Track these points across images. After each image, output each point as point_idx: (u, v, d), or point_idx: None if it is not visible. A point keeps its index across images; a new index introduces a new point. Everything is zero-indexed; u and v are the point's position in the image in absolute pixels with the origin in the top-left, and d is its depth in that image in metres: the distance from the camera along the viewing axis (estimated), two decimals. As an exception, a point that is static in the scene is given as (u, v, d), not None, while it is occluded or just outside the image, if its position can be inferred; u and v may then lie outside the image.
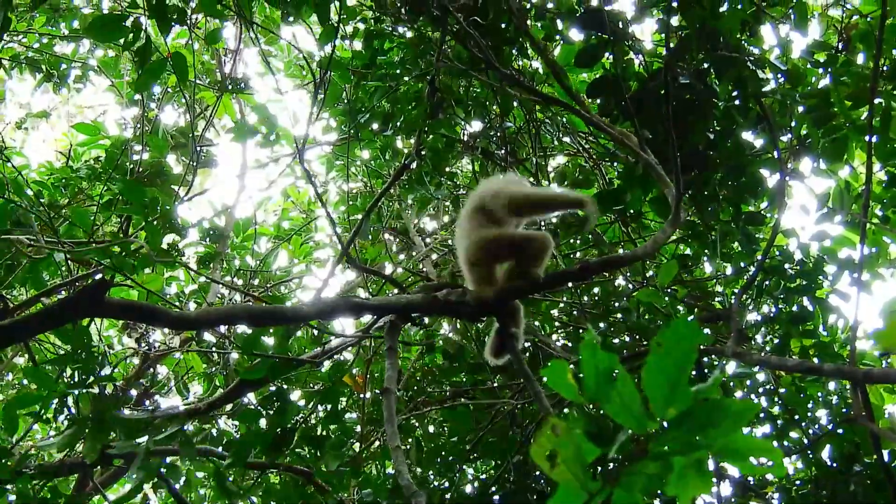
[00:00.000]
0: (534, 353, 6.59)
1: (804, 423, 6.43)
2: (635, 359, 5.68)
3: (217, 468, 4.63)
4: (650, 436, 1.96)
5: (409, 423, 6.83)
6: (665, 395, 1.93)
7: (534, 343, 6.57)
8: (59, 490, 5.55)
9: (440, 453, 6.88)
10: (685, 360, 1.92)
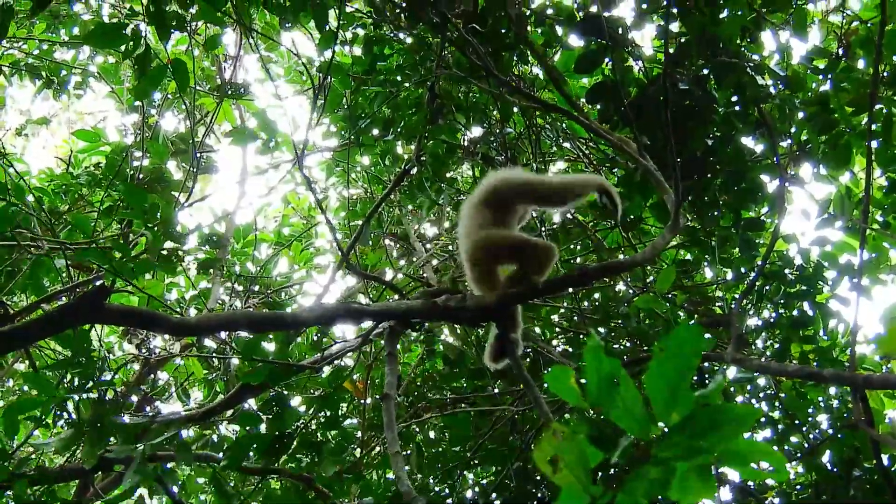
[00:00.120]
0: (534, 358, 6.59)
1: (805, 428, 6.44)
2: (635, 364, 5.68)
3: (214, 472, 4.64)
4: (653, 440, 1.96)
5: (409, 429, 6.83)
6: (668, 400, 1.94)
7: (534, 349, 6.57)
8: (58, 495, 5.56)
9: (440, 459, 6.88)
10: (687, 365, 1.92)
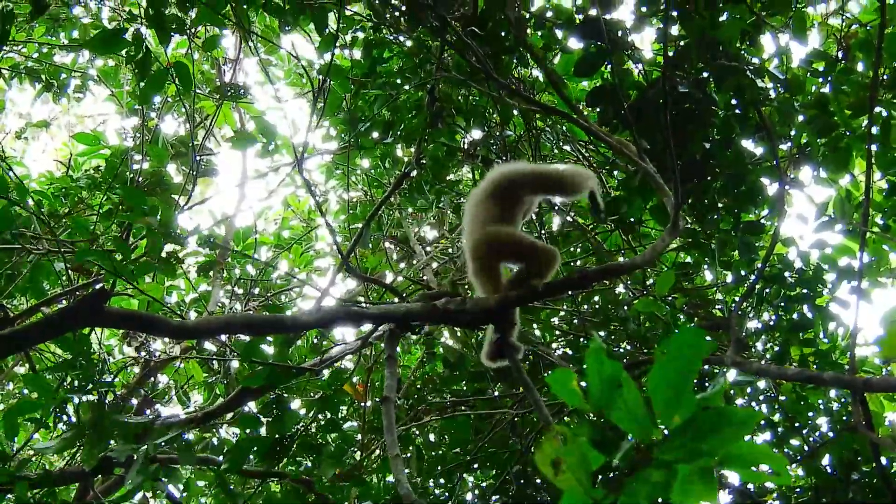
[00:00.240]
0: (534, 361, 6.59)
1: (805, 431, 6.44)
2: (635, 367, 5.68)
3: (219, 474, 4.63)
4: (655, 443, 1.96)
5: (409, 431, 6.82)
6: (670, 403, 1.93)
7: (533, 352, 6.57)
8: (59, 497, 5.55)
9: (440, 462, 6.87)
10: (690, 368, 1.92)
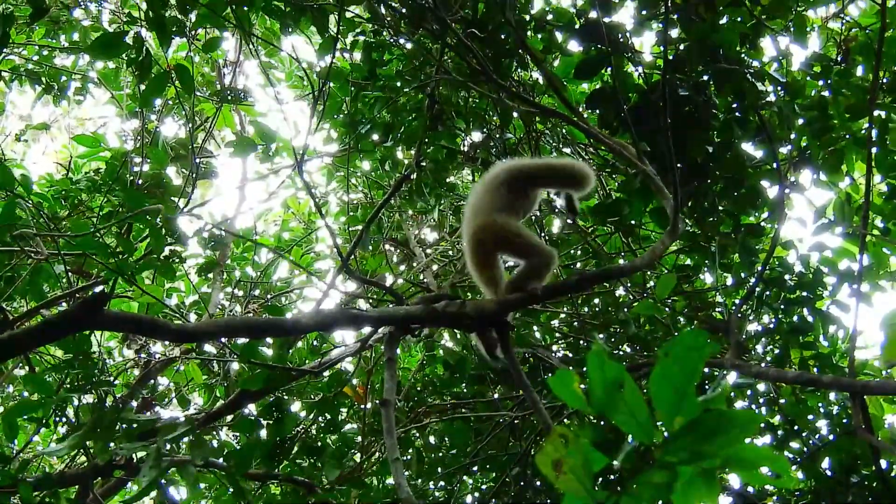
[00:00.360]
0: (533, 364, 6.59)
1: (804, 434, 6.43)
2: (635, 370, 5.67)
3: (230, 475, 4.61)
4: (657, 445, 1.96)
5: (409, 434, 6.82)
6: (673, 404, 1.94)
7: (533, 354, 6.56)
8: (61, 498, 5.54)
9: (440, 464, 6.87)
10: (693, 370, 1.92)
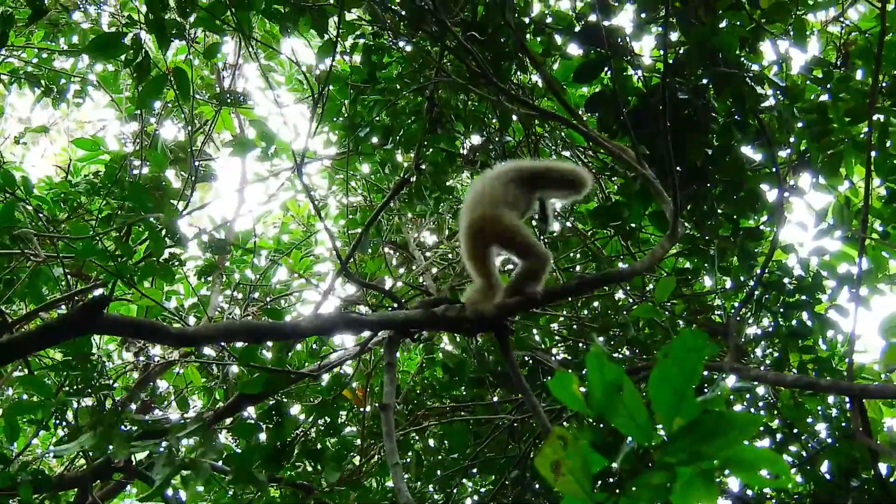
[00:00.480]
0: (533, 367, 6.58)
1: (804, 437, 6.42)
2: (635, 373, 5.66)
3: (236, 471, 4.57)
4: (656, 446, 1.96)
5: (408, 436, 6.81)
6: (671, 406, 1.94)
7: (532, 357, 6.56)
8: (61, 500, 5.53)
9: (439, 467, 6.86)
10: (692, 370, 1.92)
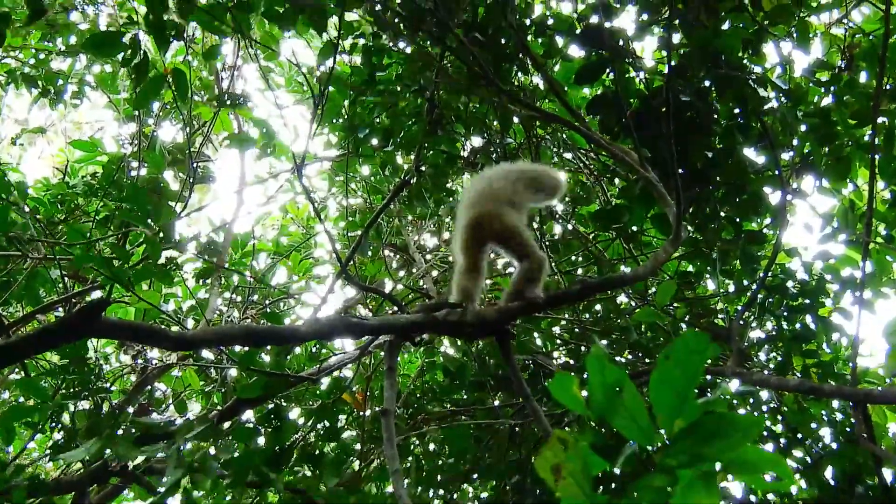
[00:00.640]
0: (534, 371, 6.53)
1: (808, 442, 6.37)
2: (637, 377, 5.62)
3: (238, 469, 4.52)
4: (657, 448, 1.95)
5: (408, 441, 6.76)
6: (672, 408, 1.92)
7: (534, 361, 6.51)
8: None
9: (440, 472, 6.81)
10: (694, 372, 1.91)
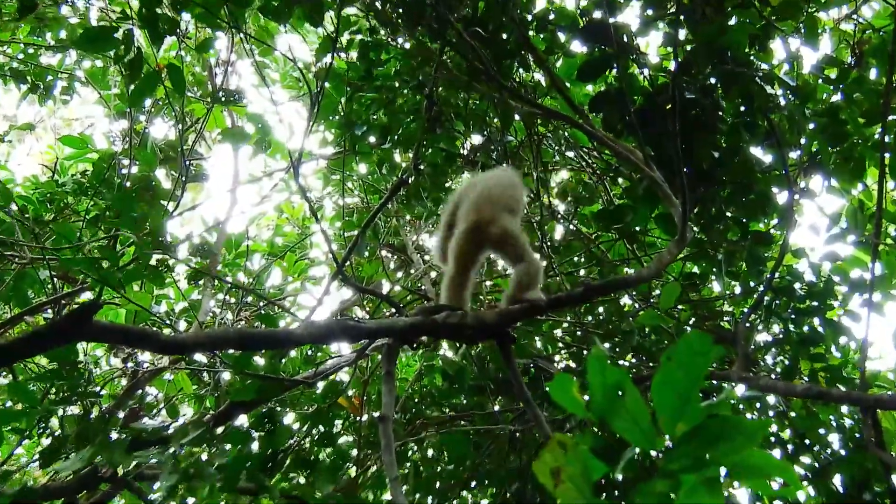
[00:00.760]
0: (534, 375, 6.43)
1: (816, 448, 6.27)
2: (640, 382, 5.51)
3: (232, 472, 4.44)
4: (660, 452, 1.90)
5: (406, 447, 6.66)
6: (675, 410, 1.86)
7: (535, 365, 6.41)
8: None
9: (438, 478, 6.71)
10: (697, 374, 1.85)
